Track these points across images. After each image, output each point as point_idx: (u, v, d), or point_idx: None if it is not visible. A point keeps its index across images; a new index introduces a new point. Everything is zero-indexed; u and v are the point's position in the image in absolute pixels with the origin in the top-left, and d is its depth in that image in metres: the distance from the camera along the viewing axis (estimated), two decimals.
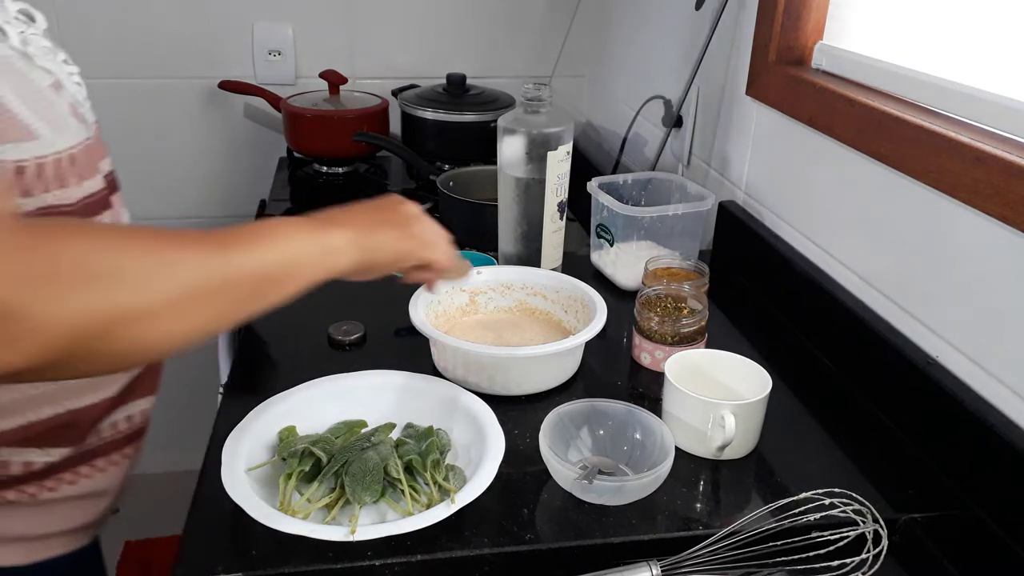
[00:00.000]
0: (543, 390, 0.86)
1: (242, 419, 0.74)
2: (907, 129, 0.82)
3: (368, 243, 0.64)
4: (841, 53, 1.01)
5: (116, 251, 0.47)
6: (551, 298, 0.97)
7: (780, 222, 1.09)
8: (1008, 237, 0.71)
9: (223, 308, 0.52)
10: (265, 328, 0.96)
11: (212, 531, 0.66)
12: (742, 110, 1.18)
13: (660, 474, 0.69)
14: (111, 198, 0.74)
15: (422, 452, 0.72)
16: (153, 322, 0.47)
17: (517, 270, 0.99)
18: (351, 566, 0.63)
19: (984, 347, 0.75)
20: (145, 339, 0.47)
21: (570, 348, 0.83)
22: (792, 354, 0.97)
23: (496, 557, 0.65)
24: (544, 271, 1.02)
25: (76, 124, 0.67)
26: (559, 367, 0.86)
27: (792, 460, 0.78)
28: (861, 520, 0.66)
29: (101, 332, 0.45)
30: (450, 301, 0.95)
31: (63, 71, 0.71)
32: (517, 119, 1.03)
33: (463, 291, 0.96)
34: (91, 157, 0.70)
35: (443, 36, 1.78)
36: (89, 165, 0.69)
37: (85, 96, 0.74)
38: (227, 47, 1.70)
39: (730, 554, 0.65)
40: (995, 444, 0.69)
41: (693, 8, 1.24)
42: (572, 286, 0.95)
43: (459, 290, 0.95)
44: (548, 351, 0.82)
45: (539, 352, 0.82)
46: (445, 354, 0.86)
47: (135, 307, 0.46)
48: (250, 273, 0.54)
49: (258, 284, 0.54)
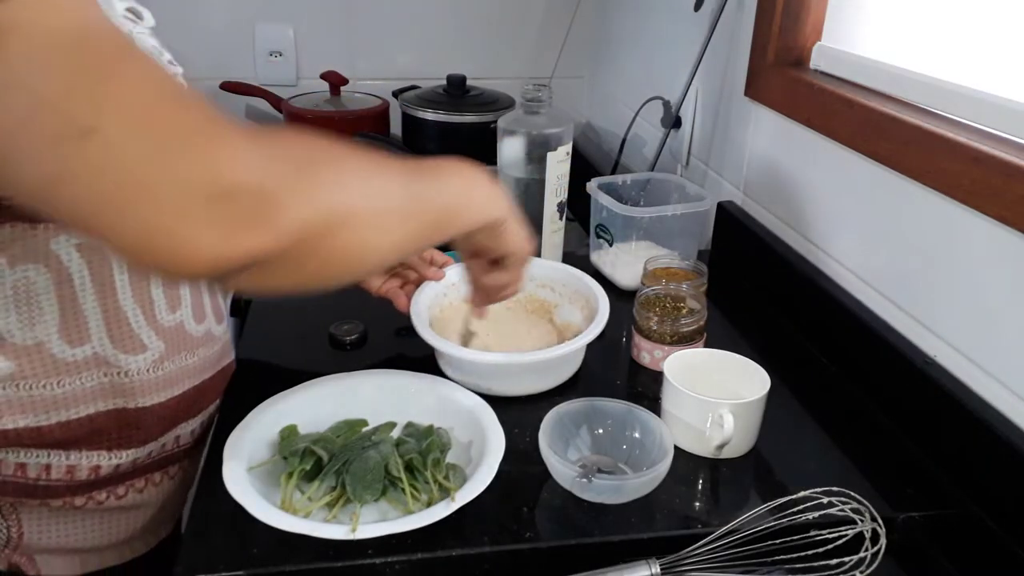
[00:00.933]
0: (542, 391, 0.86)
1: (243, 418, 0.74)
2: (905, 130, 0.83)
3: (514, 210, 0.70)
4: (840, 54, 1.01)
5: (338, 155, 0.52)
6: (559, 291, 0.97)
7: (778, 222, 1.09)
8: (1006, 237, 0.72)
9: (414, 230, 0.58)
10: (265, 328, 0.97)
11: (213, 529, 0.66)
12: (741, 111, 1.18)
13: (659, 473, 0.70)
14: None
15: (423, 451, 0.72)
16: (365, 229, 0.52)
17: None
18: (352, 564, 0.63)
19: (982, 347, 0.75)
20: (357, 243, 0.52)
21: (569, 352, 0.83)
22: (790, 353, 0.97)
23: (496, 555, 0.65)
24: (553, 263, 1.01)
25: None
26: (559, 370, 0.87)
27: (790, 459, 0.78)
28: (859, 519, 0.66)
29: (328, 229, 0.49)
30: (456, 293, 0.95)
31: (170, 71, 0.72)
32: (517, 120, 1.03)
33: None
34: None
35: (443, 37, 1.78)
36: None
37: None
38: (228, 48, 1.70)
39: (729, 552, 0.65)
40: (993, 443, 0.70)
41: (692, 9, 1.25)
42: (578, 280, 0.95)
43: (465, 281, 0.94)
44: (547, 357, 0.82)
45: (539, 358, 0.82)
46: (443, 358, 0.86)
47: (356, 210, 0.51)
48: (437, 203, 0.61)
49: (442, 215, 0.61)
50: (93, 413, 0.70)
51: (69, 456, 0.70)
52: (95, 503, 0.73)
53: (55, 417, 0.68)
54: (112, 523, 0.76)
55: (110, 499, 0.74)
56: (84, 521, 0.74)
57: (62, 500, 0.71)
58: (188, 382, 0.76)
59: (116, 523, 0.76)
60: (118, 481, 0.74)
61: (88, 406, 0.69)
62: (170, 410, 0.75)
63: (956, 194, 0.76)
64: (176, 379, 0.74)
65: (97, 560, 0.76)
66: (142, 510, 0.78)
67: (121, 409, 0.71)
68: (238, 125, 0.46)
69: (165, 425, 0.75)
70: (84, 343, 0.67)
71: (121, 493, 0.75)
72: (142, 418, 0.72)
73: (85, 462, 0.71)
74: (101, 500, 0.74)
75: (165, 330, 0.72)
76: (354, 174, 0.52)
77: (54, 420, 0.68)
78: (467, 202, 0.64)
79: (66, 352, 0.67)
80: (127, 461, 0.73)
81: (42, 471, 0.69)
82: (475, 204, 0.65)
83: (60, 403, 0.68)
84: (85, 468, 0.71)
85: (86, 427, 0.70)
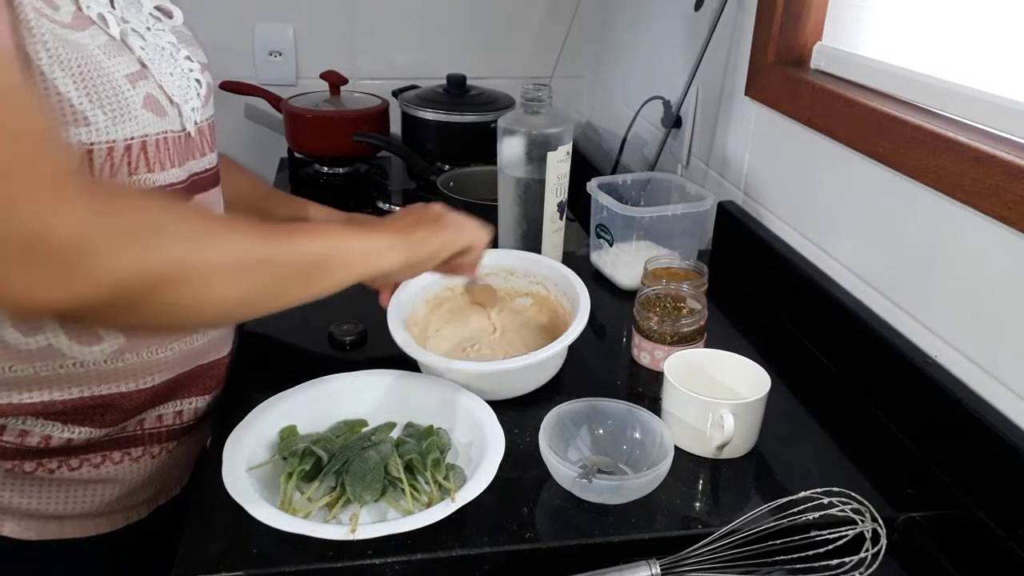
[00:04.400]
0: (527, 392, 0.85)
1: (243, 418, 0.74)
2: (906, 129, 0.83)
3: (409, 241, 0.71)
4: (840, 54, 1.01)
5: (176, 215, 0.53)
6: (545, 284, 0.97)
7: (779, 222, 1.09)
8: (1007, 237, 0.71)
9: (266, 286, 0.58)
10: (265, 328, 0.96)
11: (213, 530, 0.66)
12: (741, 110, 1.18)
13: (659, 473, 0.70)
14: (194, 196, 0.74)
15: (422, 451, 0.72)
16: (201, 284, 0.52)
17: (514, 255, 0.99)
18: (351, 565, 0.63)
19: (983, 347, 0.75)
20: (190, 300, 0.52)
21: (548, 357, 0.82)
22: (791, 353, 0.97)
23: (496, 556, 0.65)
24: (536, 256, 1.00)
25: (149, 116, 0.68)
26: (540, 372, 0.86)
27: (791, 459, 0.78)
28: (860, 519, 0.66)
29: (155, 284, 0.49)
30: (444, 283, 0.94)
31: (180, 67, 0.74)
32: (517, 119, 1.03)
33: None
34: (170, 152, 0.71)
35: (443, 36, 1.78)
36: (163, 159, 0.70)
37: (199, 94, 0.76)
38: (228, 48, 1.70)
39: (729, 553, 0.65)
40: (993, 443, 0.70)
41: (692, 8, 1.25)
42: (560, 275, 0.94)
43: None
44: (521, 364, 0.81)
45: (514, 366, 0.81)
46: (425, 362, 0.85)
47: (187, 266, 0.51)
48: (292, 257, 0.60)
49: (300, 269, 0.60)
50: (48, 400, 0.71)
51: (24, 421, 0.71)
52: (46, 471, 0.74)
53: (5, 398, 0.70)
54: (69, 494, 0.77)
55: (62, 469, 0.75)
56: (38, 487, 0.75)
57: (11, 463, 0.73)
58: (160, 375, 0.76)
59: (73, 495, 0.77)
60: (71, 454, 0.75)
61: (42, 393, 0.70)
62: (135, 400, 0.75)
63: (957, 194, 0.76)
64: (143, 371, 0.74)
65: (56, 529, 0.77)
66: (101, 486, 0.78)
67: (79, 397, 0.72)
68: (81, 182, 0.49)
69: (128, 413, 0.76)
70: (38, 333, 0.68)
71: (75, 465, 0.76)
72: (101, 405, 0.73)
73: (38, 430, 0.72)
74: (52, 468, 0.74)
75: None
76: (193, 232, 0.53)
77: (4, 401, 0.70)
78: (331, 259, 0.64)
79: (19, 340, 0.68)
80: (80, 438, 0.74)
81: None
82: (343, 261, 0.65)
83: (13, 385, 0.69)
84: (37, 435, 0.72)
85: (39, 409, 0.71)
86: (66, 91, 0.61)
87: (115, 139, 0.65)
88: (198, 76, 0.77)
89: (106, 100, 0.64)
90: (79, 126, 0.62)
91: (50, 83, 0.60)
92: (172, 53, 0.74)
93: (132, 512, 0.82)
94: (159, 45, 0.73)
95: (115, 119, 0.64)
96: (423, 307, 0.94)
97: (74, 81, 0.61)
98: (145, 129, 0.67)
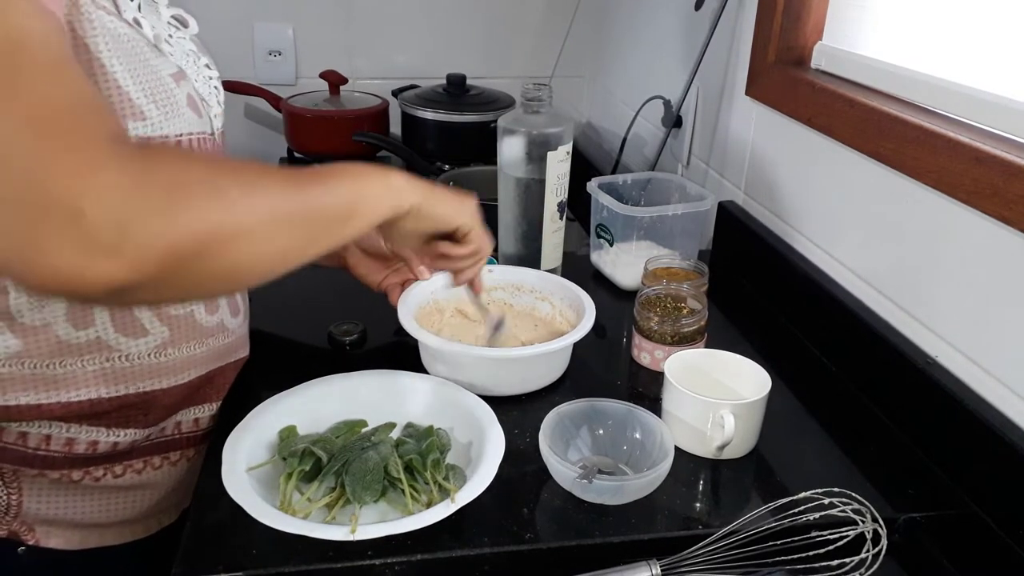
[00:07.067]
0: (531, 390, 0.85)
1: (242, 419, 0.74)
2: (907, 129, 0.82)
3: (427, 190, 0.69)
4: (841, 53, 1.01)
5: (214, 175, 0.52)
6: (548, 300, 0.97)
7: (779, 222, 1.09)
8: (1007, 237, 0.71)
9: (304, 235, 0.57)
10: (265, 328, 0.96)
11: (212, 530, 0.66)
12: (741, 110, 1.18)
13: (659, 474, 0.70)
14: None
15: (422, 452, 0.72)
16: (243, 242, 0.51)
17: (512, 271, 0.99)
18: (351, 565, 0.63)
19: (983, 347, 0.75)
20: (236, 259, 0.51)
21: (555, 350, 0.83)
22: (791, 354, 0.97)
23: (496, 556, 0.65)
24: (535, 271, 1.00)
25: (192, 115, 0.70)
26: (546, 367, 0.86)
27: (791, 460, 0.78)
28: (860, 519, 0.66)
29: (200, 249, 0.49)
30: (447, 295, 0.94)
31: (202, 73, 0.76)
32: (517, 119, 1.03)
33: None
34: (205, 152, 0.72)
35: (443, 36, 1.78)
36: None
37: (218, 101, 0.78)
38: (227, 47, 1.70)
39: (730, 553, 0.65)
40: (994, 443, 0.70)
41: (693, 8, 1.25)
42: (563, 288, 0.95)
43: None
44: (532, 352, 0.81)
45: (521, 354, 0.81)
46: (426, 353, 0.86)
47: (230, 225, 0.50)
48: (326, 205, 0.59)
49: (333, 216, 0.60)
50: (95, 398, 0.71)
51: (69, 429, 0.72)
52: (92, 479, 0.75)
53: (55, 397, 0.70)
54: (111, 502, 0.78)
55: (107, 476, 0.76)
56: (83, 496, 0.76)
57: (59, 472, 0.73)
58: (195, 371, 0.77)
59: (115, 502, 0.78)
60: (116, 460, 0.76)
61: (90, 390, 0.71)
62: (173, 397, 0.76)
63: (957, 194, 0.76)
64: (182, 367, 0.76)
65: (97, 537, 0.78)
66: (141, 492, 0.79)
67: (123, 395, 0.73)
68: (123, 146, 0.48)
69: (167, 411, 0.77)
70: (88, 327, 0.69)
71: (119, 472, 0.77)
72: (144, 403, 0.74)
73: (84, 436, 0.73)
74: (98, 477, 0.75)
75: (171, 317, 0.73)
76: (230, 189, 0.52)
77: (54, 400, 0.70)
78: (360, 198, 0.63)
79: (71, 334, 0.69)
80: (125, 441, 0.75)
81: (42, 441, 0.72)
82: (371, 199, 0.64)
83: (61, 383, 0.70)
84: (83, 442, 0.73)
85: (86, 408, 0.71)
86: (125, 85, 0.63)
87: (167, 134, 0.67)
88: (216, 84, 0.79)
89: (159, 96, 0.66)
90: (136, 120, 0.64)
91: (111, 76, 0.62)
92: (194, 60, 0.76)
93: (164, 516, 0.83)
94: (184, 51, 0.74)
95: (167, 115, 0.66)
96: (431, 307, 0.94)
97: (131, 76, 0.63)
98: (191, 127, 0.70)
